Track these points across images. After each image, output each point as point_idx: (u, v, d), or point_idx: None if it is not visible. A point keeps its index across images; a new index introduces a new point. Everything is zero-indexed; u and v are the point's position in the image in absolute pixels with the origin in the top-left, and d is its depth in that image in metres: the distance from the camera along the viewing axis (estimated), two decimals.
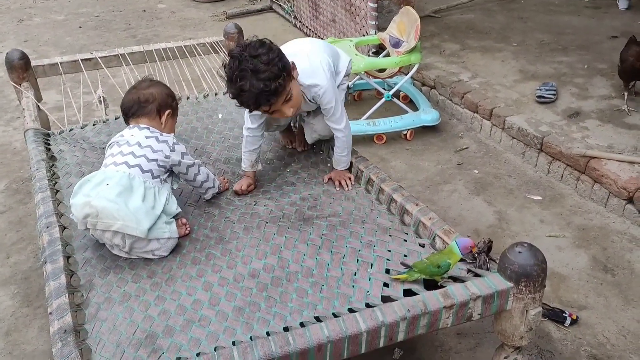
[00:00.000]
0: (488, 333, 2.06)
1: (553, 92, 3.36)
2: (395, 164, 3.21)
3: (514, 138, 3.20)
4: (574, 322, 2.11)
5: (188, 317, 1.40)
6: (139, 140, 1.76)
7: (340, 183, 2.01)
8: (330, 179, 2.06)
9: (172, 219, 1.72)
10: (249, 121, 2.00)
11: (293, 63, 1.78)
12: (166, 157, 1.77)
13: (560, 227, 2.64)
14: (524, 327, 1.39)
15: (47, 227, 1.72)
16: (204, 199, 1.95)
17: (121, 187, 1.62)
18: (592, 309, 2.18)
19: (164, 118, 1.89)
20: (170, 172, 1.82)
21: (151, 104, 1.87)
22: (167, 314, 1.42)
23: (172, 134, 1.89)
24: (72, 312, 1.42)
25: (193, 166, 1.85)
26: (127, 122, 1.91)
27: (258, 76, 1.63)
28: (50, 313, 1.41)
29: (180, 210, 1.78)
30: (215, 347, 1.29)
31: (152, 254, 1.66)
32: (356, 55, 3.32)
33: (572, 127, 3.07)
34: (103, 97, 2.71)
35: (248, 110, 1.81)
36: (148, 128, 1.82)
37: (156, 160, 1.74)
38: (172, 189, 1.82)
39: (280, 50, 1.72)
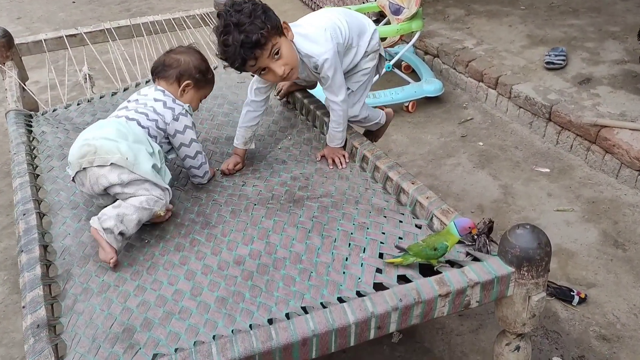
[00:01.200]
0: (491, 314, 1.98)
1: (563, 58, 3.19)
2: (396, 137, 3.09)
3: (520, 107, 3.06)
4: (583, 300, 2.02)
5: (168, 309, 1.32)
6: (146, 101, 1.74)
7: (333, 161, 1.91)
8: (323, 156, 1.95)
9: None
10: (253, 94, 1.93)
11: (285, 22, 1.72)
12: (166, 123, 1.72)
13: (569, 200, 2.52)
14: (527, 313, 1.30)
15: (24, 215, 1.64)
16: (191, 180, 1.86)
17: (118, 129, 1.59)
18: (602, 287, 2.08)
19: (182, 86, 1.81)
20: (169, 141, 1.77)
21: (173, 70, 1.80)
22: (147, 305, 1.34)
23: (187, 105, 1.79)
24: (47, 305, 1.34)
25: (188, 147, 1.76)
26: (153, 80, 1.88)
27: (240, 29, 1.58)
28: (23, 307, 1.34)
29: (170, 186, 1.70)
30: (195, 342, 1.21)
31: (146, 191, 1.55)
32: None
33: (583, 95, 2.92)
34: (89, 74, 2.60)
35: (237, 69, 1.71)
36: (163, 91, 1.78)
37: (156, 121, 1.70)
38: (166, 157, 1.75)
39: (266, 6, 1.66)
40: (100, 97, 2.41)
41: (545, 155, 2.84)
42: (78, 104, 2.39)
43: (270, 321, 1.26)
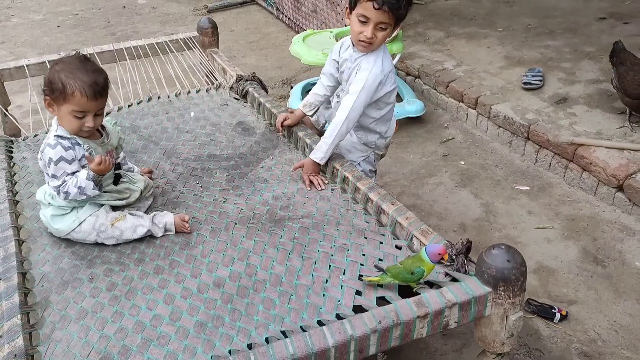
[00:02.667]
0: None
1: (539, 78, 3.27)
2: None
3: (500, 127, 3.11)
4: (564, 318, 2.04)
5: (146, 336, 1.31)
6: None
7: (311, 182, 1.90)
8: (299, 168, 1.93)
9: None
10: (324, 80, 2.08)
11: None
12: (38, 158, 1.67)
13: (549, 217, 2.56)
14: (505, 333, 1.31)
15: (3, 242, 1.62)
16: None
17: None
18: (583, 304, 2.11)
19: (45, 105, 1.61)
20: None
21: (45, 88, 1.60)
22: (124, 332, 1.33)
23: (61, 132, 1.60)
24: (25, 334, 1.33)
25: (56, 179, 1.60)
26: None
27: None
28: (0, 336, 1.32)
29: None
30: None
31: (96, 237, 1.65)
32: None
33: (560, 114, 2.99)
34: None
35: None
36: (55, 124, 1.64)
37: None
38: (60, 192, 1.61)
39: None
40: None
41: (525, 173, 2.89)
42: None
43: (250, 346, 1.25)
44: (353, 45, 1.91)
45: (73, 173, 1.61)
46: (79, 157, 1.62)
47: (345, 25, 3.87)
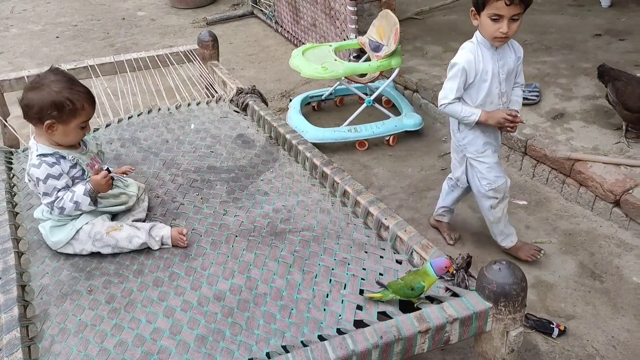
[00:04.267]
0: (473, 348, 1.98)
1: (536, 94, 3.30)
2: (377, 171, 3.13)
3: None
4: (562, 333, 2.04)
5: (146, 349, 1.30)
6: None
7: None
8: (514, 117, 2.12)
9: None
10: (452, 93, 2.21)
11: None
12: (29, 175, 1.63)
13: (547, 232, 2.57)
14: (505, 348, 1.31)
15: (2, 254, 1.62)
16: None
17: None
18: (581, 319, 2.11)
19: (45, 128, 1.59)
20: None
21: (32, 111, 1.59)
22: (124, 345, 1.32)
23: (47, 150, 1.62)
24: (24, 347, 1.32)
25: (49, 195, 1.62)
26: None
27: None
28: None
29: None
30: None
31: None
32: (335, 60, 3.24)
33: (557, 129, 3.01)
34: None
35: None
36: (35, 143, 1.65)
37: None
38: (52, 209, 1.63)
39: None
40: None
41: (522, 188, 2.90)
42: None
43: None
44: (490, 45, 2.05)
45: (63, 188, 1.62)
46: (66, 171, 1.64)
47: (347, 39, 3.91)
